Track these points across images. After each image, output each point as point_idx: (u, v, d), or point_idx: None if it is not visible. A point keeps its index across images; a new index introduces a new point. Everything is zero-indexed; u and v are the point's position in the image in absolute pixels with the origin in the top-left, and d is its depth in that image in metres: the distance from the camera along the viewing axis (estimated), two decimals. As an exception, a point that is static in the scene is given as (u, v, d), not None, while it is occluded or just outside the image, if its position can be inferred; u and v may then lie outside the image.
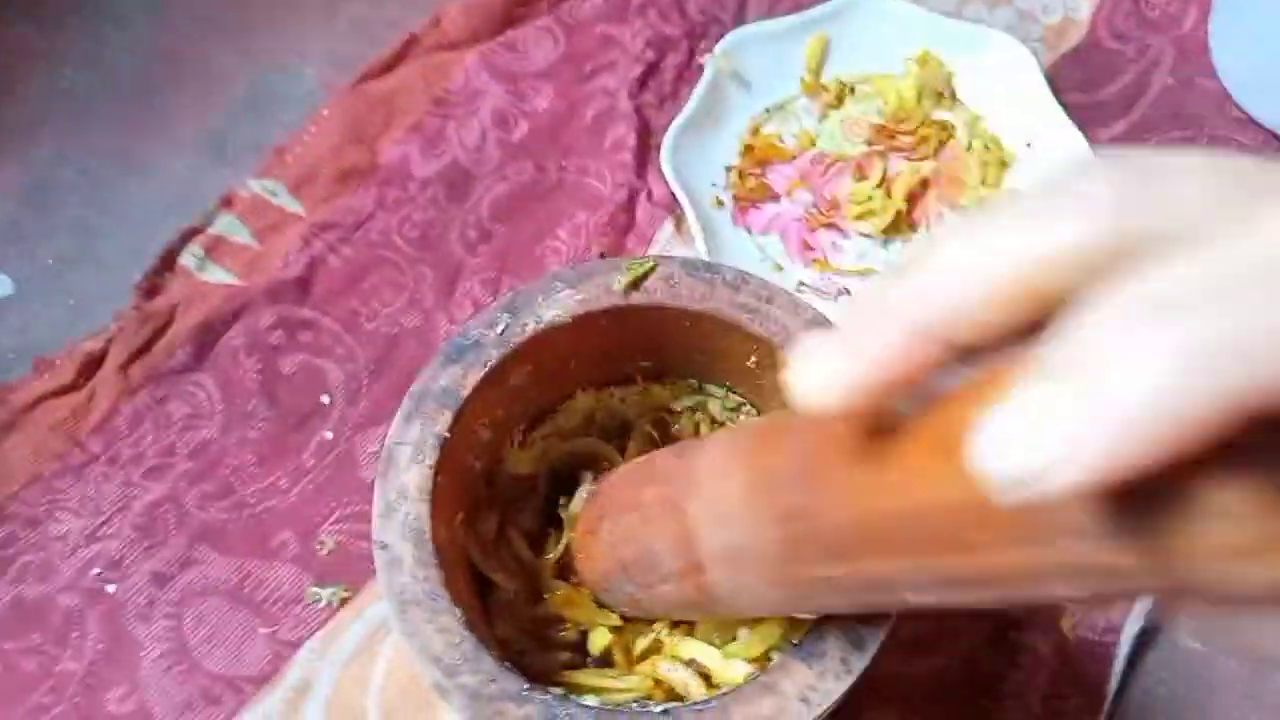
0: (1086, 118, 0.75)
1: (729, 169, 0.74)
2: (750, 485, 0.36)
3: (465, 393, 0.46)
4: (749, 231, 0.73)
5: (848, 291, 0.71)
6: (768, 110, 0.76)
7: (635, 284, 0.47)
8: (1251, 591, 0.21)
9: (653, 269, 0.48)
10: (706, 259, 0.67)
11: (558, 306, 0.47)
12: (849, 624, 0.42)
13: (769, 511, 0.35)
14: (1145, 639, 0.64)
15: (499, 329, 0.47)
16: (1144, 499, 0.21)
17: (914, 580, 0.30)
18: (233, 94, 0.79)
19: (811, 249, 0.72)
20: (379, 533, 0.43)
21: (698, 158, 0.73)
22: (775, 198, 0.74)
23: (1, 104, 0.77)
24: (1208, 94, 0.79)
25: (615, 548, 0.45)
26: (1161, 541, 0.22)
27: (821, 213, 0.73)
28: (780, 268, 0.71)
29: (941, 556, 0.28)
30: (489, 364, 0.46)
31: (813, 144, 0.76)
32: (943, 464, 0.27)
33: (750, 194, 0.73)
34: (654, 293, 0.48)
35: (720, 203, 0.73)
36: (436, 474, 0.44)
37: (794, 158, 0.75)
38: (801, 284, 0.71)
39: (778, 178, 0.75)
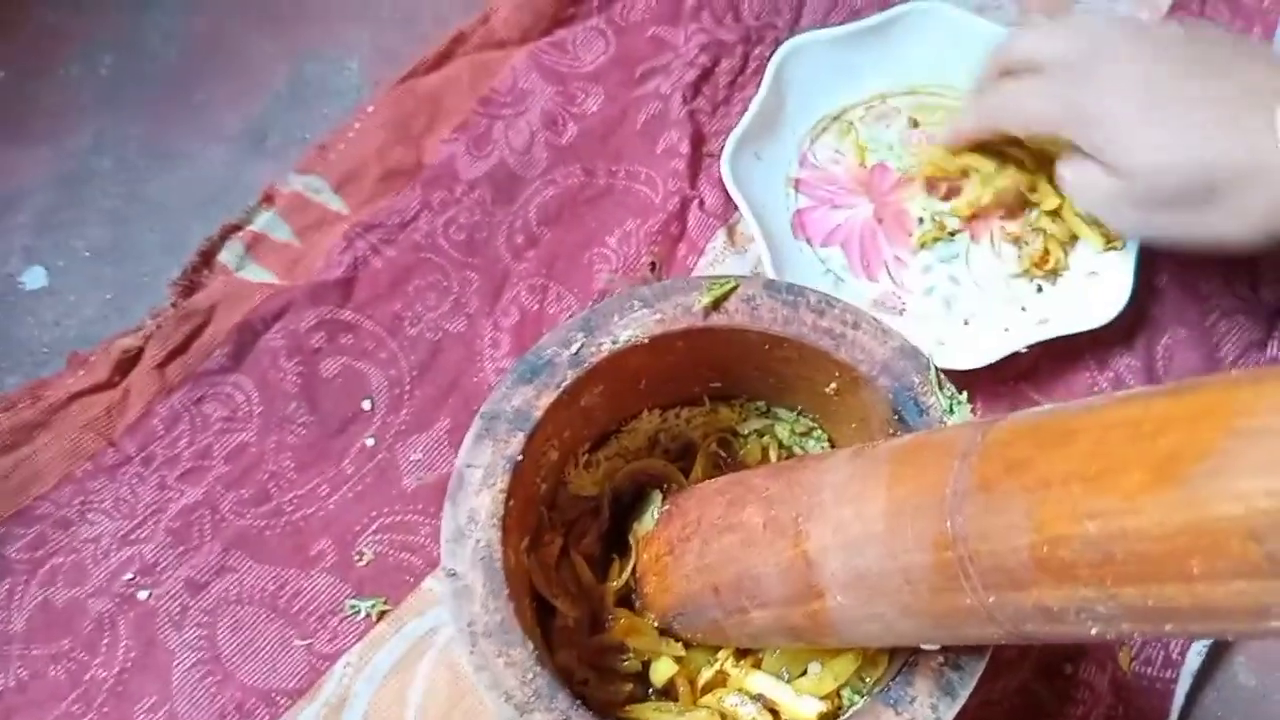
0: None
1: (789, 179, 0.72)
2: (893, 509, 0.34)
3: (538, 414, 0.44)
4: (809, 244, 0.71)
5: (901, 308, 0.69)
6: (827, 119, 0.74)
7: (716, 304, 0.46)
8: None
9: (734, 289, 0.46)
10: (769, 271, 0.65)
11: (635, 326, 0.45)
12: (938, 669, 0.40)
13: (919, 536, 0.33)
14: (1203, 676, 0.63)
15: (574, 348, 0.45)
16: None
17: (1103, 611, 0.28)
18: (274, 85, 0.77)
19: (875, 263, 0.71)
20: (449, 560, 0.41)
21: (757, 167, 0.71)
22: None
23: (38, 89, 0.75)
24: None
25: (705, 571, 0.43)
26: None
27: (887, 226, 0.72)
28: (841, 280, 0.70)
29: (1148, 585, 0.27)
30: (562, 385, 0.44)
31: (863, 158, 0.74)
32: (1168, 488, 0.25)
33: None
34: (734, 314, 0.46)
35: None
36: (508, 499, 0.42)
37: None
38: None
39: (837, 189, 0.73)
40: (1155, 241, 0.64)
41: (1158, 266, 0.71)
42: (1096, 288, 0.68)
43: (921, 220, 0.72)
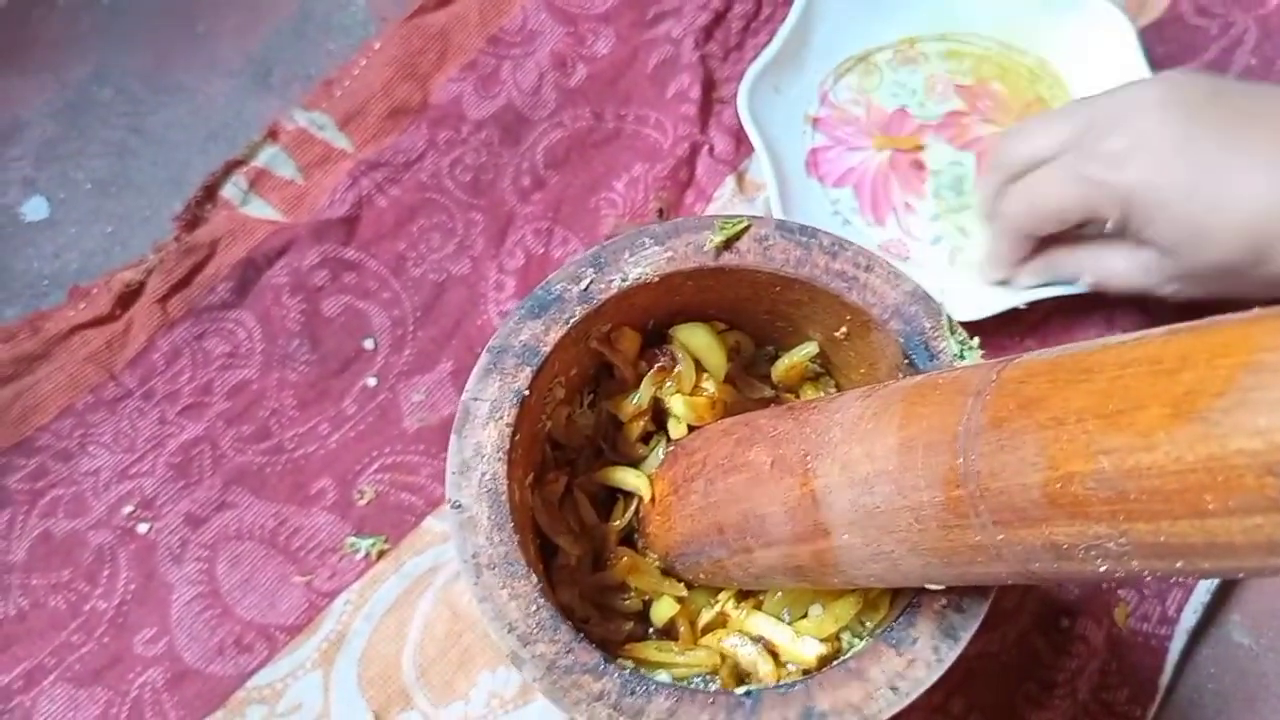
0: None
1: (808, 117, 0.72)
2: (904, 446, 0.34)
3: (546, 349, 0.43)
4: (821, 183, 0.70)
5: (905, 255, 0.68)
6: (852, 59, 0.74)
7: (728, 244, 0.45)
8: None
9: (746, 228, 0.45)
10: (776, 207, 0.64)
11: (645, 264, 0.45)
12: (940, 611, 0.40)
13: (930, 474, 0.33)
14: (1198, 634, 0.63)
15: (583, 284, 0.44)
16: None
17: (1113, 548, 0.28)
18: (278, 19, 0.75)
19: (884, 208, 0.70)
20: (453, 492, 0.41)
21: (776, 101, 0.70)
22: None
23: (38, 17, 0.74)
24: (1286, 76, 0.76)
25: (710, 510, 0.43)
26: None
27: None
28: (849, 223, 0.69)
29: (1160, 521, 0.26)
30: (571, 321, 0.44)
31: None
32: (1185, 424, 0.25)
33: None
34: (746, 254, 0.45)
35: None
36: (514, 433, 0.42)
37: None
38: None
39: (855, 130, 0.72)
40: (1191, 298, 0.63)
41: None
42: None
43: (937, 170, 0.71)
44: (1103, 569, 0.29)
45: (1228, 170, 0.55)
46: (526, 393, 0.43)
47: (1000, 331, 0.67)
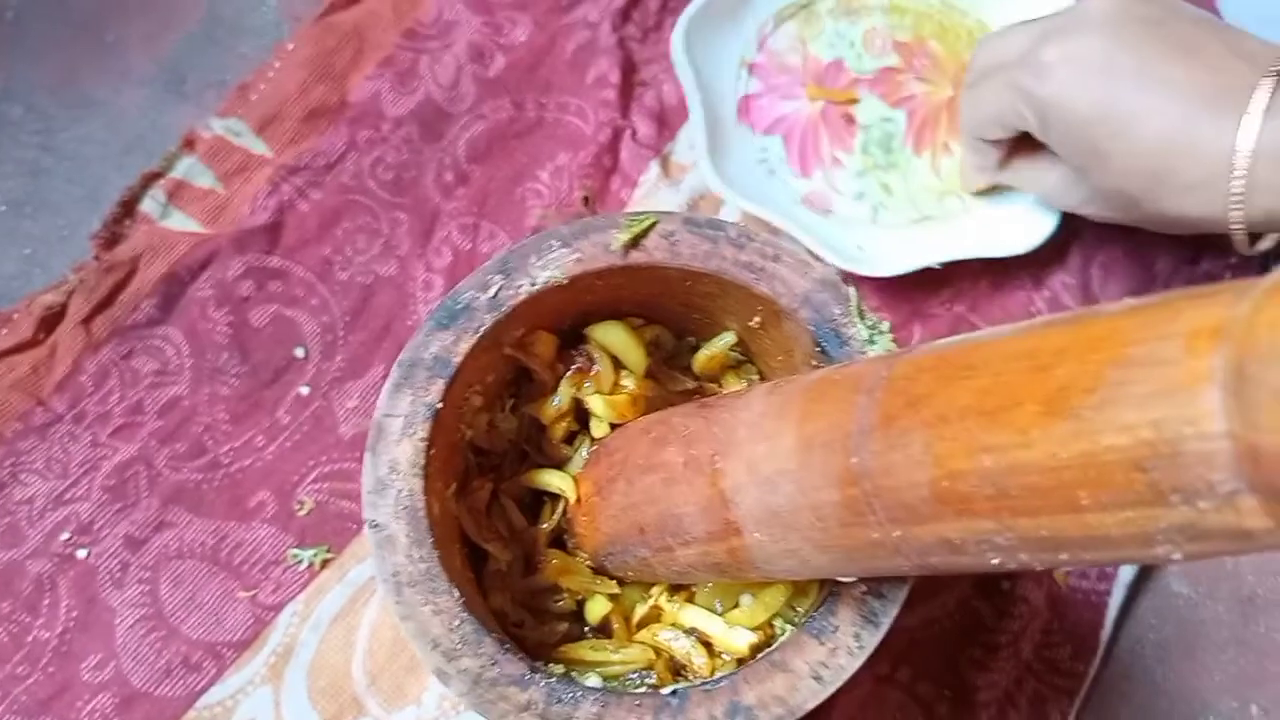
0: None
1: (744, 62, 0.71)
2: (803, 445, 0.34)
3: (457, 360, 0.43)
4: (752, 130, 0.70)
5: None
6: (794, 6, 0.73)
7: (634, 242, 0.45)
8: None
9: (652, 225, 0.45)
10: (703, 152, 0.64)
11: (553, 267, 0.45)
12: (861, 598, 0.41)
13: (827, 473, 0.33)
14: (1137, 586, 0.64)
15: (491, 291, 0.44)
16: None
17: (1001, 542, 0.28)
18: (188, 25, 0.74)
19: (812, 160, 0.70)
20: (370, 511, 0.41)
21: (713, 43, 0.70)
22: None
23: (-61, 37, 0.72)
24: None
25: (630, 510, 0.43)
26: None
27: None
28: (774, 172, 0.69)
29: (1040, 517, 0.27)
30: (482, 329, 0.44)
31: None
32: (1059, 422, 0.25)
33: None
34: (653, 251, 0.45)
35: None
36: (429, 447, 0.42)
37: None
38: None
39: (790, 80, 0.72)
40: (1108, 220, 0.64)
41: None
42: (1021, 215, 0.68)
43: (867, 125, 0.71)
44: (995, 562, 0.30)
45: (1139, 101, 0.54)
46: (439, 405, 0.43)
47: (931, 297, 0.67)
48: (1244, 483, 0.22)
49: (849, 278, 0.66)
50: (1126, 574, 0.63)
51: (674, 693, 0.40)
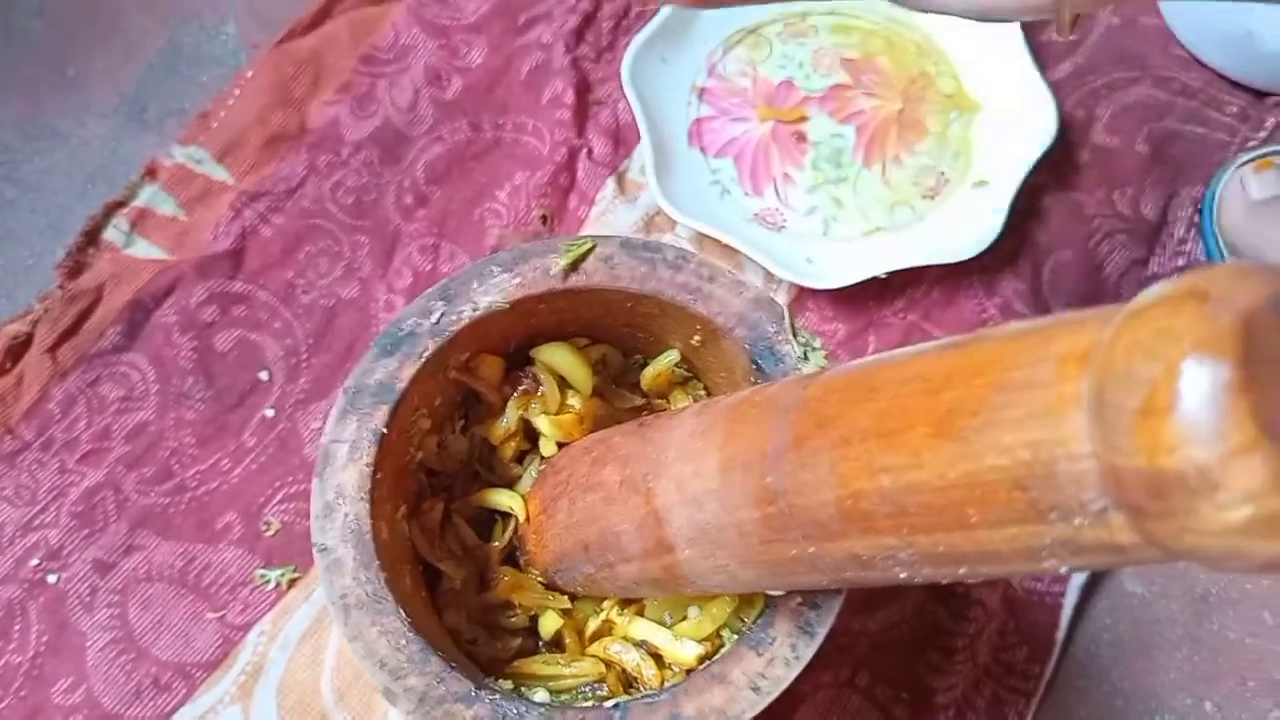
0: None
1: (694, 87, 0.73)
2: (725, 465, 0.35)
3: (402, 385, 0.44)
4: (703, 153, 0.71)
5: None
6: (742, 32, 0.75)
7: (574, 266, 0.46)
8: (1254, 564, 0.21)
9: (591, 249, 0.46)
10: (651, 177, 0.65)
11: (494, 292, 0.46)
12: (797, 609, 0.42)
13: (746, 492, 0.34)
14: (1091, 586, 0.65)
15: (434, 318, 0.45)
16: (1154, 479, 0.22)
17: (905, 558, 0.30)
18: (148, 55, 0.75)
19: (764, 178, 0.71)
20: (318, 535, 0.42)
21: (662, 70, 0.71)
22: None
23: (-98, 72, 0.73)
24: (1151, 33, 0.78)
25: (574, 529, 0.44)
26: (1170, 522, 0.22)
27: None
28: (728, 192, 0.70)
29: (937, 534, 0.28)
30: (425, 355, 0.45)
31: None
32: (946, 443, 0.26)
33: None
34: (593, 275, 0.46)
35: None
36: (375, 471, 0.43)
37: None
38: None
39: (741, 102, 0.73)
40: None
41: (1041, 189, 0.72)
42: (970, 222, 0.69)
43: (817, 142, 0.72)
44: (902, 576, 0.31)
45: None
46: (385, 430, 0.44)
47: (885, 307, 0.69)
48: (1110, 501, 0.24)
49: (801, 291, 0.68)
50: (1080, 575, 0.64)
51: (616, 706, 0.41)
